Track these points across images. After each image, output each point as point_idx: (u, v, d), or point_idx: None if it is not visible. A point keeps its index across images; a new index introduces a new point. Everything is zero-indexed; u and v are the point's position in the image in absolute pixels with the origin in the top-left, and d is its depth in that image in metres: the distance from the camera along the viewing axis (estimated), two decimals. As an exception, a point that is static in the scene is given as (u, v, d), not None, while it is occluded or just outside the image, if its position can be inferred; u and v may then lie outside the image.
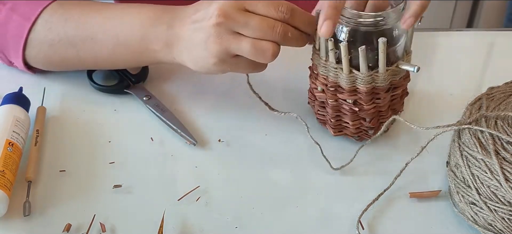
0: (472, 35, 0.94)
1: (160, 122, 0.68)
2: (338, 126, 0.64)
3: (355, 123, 0.63)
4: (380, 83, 0.60)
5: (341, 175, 0.62)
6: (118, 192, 0.60)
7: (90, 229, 0.56)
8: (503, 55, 0.81)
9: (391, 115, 0.61)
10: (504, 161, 0.51)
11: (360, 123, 0.63)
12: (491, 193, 0.52)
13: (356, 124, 0.63)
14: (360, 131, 0.64)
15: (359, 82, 0.59)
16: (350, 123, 0.63)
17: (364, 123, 0.63)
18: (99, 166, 0.63)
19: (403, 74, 0.62)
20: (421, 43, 0.83)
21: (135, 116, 0.69)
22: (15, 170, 0.59)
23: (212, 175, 0.62)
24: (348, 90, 0.60)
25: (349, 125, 0.63)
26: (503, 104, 0.57)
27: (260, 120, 0.68)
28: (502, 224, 0.52)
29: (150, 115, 0.69)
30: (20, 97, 0.66)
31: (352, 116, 0.62)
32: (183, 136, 0.65)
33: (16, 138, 0.61)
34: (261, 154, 0.65)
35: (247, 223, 0.57)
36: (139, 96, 0.71)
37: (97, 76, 0.74)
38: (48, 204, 0.58)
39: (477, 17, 1.82)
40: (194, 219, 0.57)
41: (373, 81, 0.59)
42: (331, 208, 0.59)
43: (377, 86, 0.60)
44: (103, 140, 0.66)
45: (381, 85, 0.60)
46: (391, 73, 0.60)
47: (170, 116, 0.68)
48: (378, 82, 0.60)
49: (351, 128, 0.63)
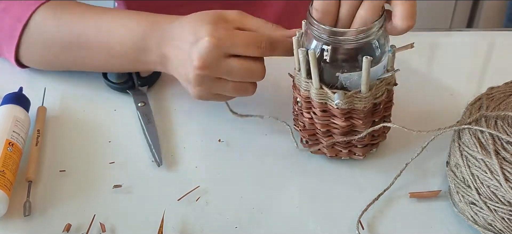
0: (472, 35, 0.94)
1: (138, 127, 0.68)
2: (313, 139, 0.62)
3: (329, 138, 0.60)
4: (360, 104, 0.56)
5: (341, 175, 0.62)
6: (118, 192, 0.60)
7: (90, 229, 0.56)
8: (503, 55, 0.81)
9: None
10: (504, 161, 0.51)
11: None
12: (491, 193, 0.52)
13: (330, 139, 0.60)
14: (333, 150, 0.62)
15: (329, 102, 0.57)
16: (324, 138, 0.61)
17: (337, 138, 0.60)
18: (99, 166, 0.63)
19: (383, 95, 0.59)
20: (421, 43, 0.84)
21: (133, 118, 0.69)
22: (15, 170, 0.59)
23: (212, 175, 0.62)
24: (318, 106, 0.58)
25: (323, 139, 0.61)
26: (503, 104, 0.57)
27: (260, 120, 0.68)
28: (502, 224, 0.52)
29: (137, 121, 0.69)
30: (20, 97, 0.67)
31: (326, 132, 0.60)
32: (152, 152, 0.63)
33: (16, 138, 0.61)
34: (261, 154, 0.65)
35: (247, 223, 0.57)
36: (136, 101, 0.70)
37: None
38: (48, 204, 0.58)
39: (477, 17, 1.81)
40: (194, 219, 0.57)
41: (352, 102, 0.56)
42: (331, 208, 0.59)
43: (356, 108, 0.57)
44: (103, 140, 0.66)
45: (361, 107, 0.57)
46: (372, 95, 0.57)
47: (151, 130, 0.66)
48: (357, 104, 0.56)
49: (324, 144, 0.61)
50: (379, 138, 0.62)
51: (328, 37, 0.54)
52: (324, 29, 0.54)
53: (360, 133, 0.59)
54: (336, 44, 0.55)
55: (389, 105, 0.61)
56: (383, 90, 0.58)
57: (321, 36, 0.55)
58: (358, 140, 0.59)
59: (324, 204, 0.59)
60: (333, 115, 0.58)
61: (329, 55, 0.55)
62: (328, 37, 0.54)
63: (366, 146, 0.61)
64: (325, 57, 0.55)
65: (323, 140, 0.61)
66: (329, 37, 0.54)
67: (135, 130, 0.67)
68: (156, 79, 0.74)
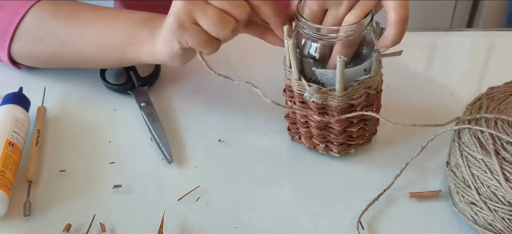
0: (472, 35, 0.94)
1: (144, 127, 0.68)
2: (297, 133, 0.64)
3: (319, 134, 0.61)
4: (334, 102, 0.57)
5: (341, 175, 0.62)
6: (118, 192, 0.60)
7: (90, 229, 0.56)
8: (503, 55, 0.81)
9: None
10: (504, 161, 0.51)
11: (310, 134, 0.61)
12: (491, 193, 0.52)
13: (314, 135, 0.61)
14: (311, 141, 0.62)
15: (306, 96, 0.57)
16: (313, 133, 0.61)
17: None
18: (99, 166, 0.63)
19: (362, 96, 0.58)
20: (421, 43, 0.84)
21: (133, 118, 0.69)
22: (15, 170, 0.59)
23: (212, 175, 0.62)
24: (297, 97, 0.59)
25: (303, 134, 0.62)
26: (503, 104, 0.57)
27: (260, 120, 0.68)
28: (502, 224, 0.52)
29: (142, 121, 0.69)
30: (20, 97, 0.67)
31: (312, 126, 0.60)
32: (162, 150, 0.64)
33: (16, 138, 0.61)
34: (261, 154, 0.65)
35: (247, 223, 0.57)
36: (138, 101, 0.70)
37: (108, 73, 0.74)
38: (48, 204, 0.58)
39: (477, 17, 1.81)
40: (194, 219, 0.57)
41: (326, 99, 0.57)
42: (331, 208, 0.59)
43: (330, 105, 0.57)
44: (103, 140, 0.66)
45: (334, 104, 0.57)
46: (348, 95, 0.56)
47: (157, 128, 0.66)
48: (331, 101, 0.57)
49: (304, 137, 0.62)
50: (357, 140, 0.62)
51: (313, 33, 0.55)
52: (309, 25, 0.55)
53: (334, 130, 0.59)
54: (321, 41, 0.55)
55: (370, 109, 0.60)
56: (361, 92, 0.57)
57: (307, 31, 0.55)
58: (333, 137, 0.60)
59: (324, 204, 0.59)
60: (309, 108, 0.59)
61: (312, 50, 0.56)
62: (314, 33, 0.55)
63: (342, 144, 0.61)
64: (309, 51, 0.56)
65: (302, 130, 0.62)
66: (314, 33, 0.55)
67: (135, 130, 0.67)
68: (156, 79, 0.74)
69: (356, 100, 0.58)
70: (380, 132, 0.65)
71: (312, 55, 0.56)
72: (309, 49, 0.56)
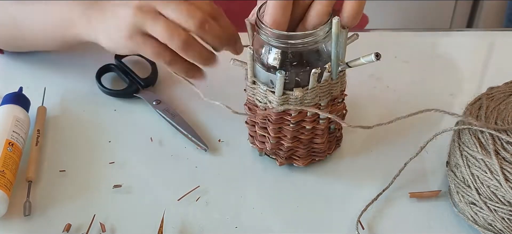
0: (472, 35, 0.94)
1: (166, 124, 0.68)
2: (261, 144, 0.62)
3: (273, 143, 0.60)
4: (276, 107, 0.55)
5: (341, 175, 0.62)
6: (118, 192, 0.60)
7: (90, 229, 0.56)
8: (503, 55, 0.81)
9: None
10: (504, 161, 0.51)
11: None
12: (491, 193, 0.52)
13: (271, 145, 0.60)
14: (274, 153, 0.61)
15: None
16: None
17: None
18: (99, 166, 0.63)
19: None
20: (421, 43, 0.84)
21: (133, 118, 0.69)
22: (15, 170, 0.59)
23: (212, 175, 0.62)
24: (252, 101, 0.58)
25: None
26: (503, 104, 0.57)
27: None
28: (502, 224, 0.52)
29: (160, 119, 0.69)
30: (20, 97, 0.67)
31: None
32: (194, 141, 0.65)
33: (16, 138, 0.61)
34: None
35: (247, 223, 0.57)
36: (149, 101, 0.70)
37: (106, 80, 0.74)
38: (48, 204, 0.58)
39: (477, 17, 1.81)
40: (194, 219, 0.57)
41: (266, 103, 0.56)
42: (331, 208, 0.59)
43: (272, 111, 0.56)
44: (103, 140, 0.66)
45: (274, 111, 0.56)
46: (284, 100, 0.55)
47: (180, 121, 0.67)
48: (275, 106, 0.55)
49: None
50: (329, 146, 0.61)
51: (274, 40, 0.53)
52: (270, 31, 0.52)
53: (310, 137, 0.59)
54: (282, 47, 0.53)
55: (316, 123, 0.58)
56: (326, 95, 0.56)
57: (267, 38, 0.53)
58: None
59: (324, 204, 0.59)
60: (286, 114, 0.57)
61: (271, 56, 0.54)
62: (275, 40, 0.53)
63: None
64: (268, 58, 0.55)
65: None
66: (275, 40, 0.53)
67: (135, 130, 0.67)
68: (155, 80, 0.74)
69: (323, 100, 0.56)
70: (379, 132, 0.65)
71: (268, 60, 0.55)
72: (267, 54, 0.54)
